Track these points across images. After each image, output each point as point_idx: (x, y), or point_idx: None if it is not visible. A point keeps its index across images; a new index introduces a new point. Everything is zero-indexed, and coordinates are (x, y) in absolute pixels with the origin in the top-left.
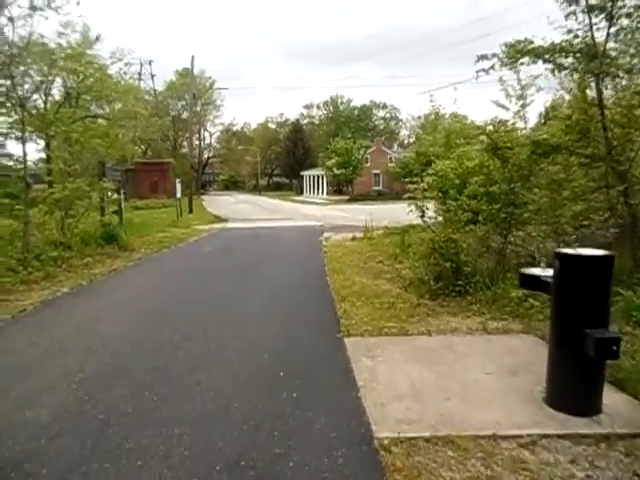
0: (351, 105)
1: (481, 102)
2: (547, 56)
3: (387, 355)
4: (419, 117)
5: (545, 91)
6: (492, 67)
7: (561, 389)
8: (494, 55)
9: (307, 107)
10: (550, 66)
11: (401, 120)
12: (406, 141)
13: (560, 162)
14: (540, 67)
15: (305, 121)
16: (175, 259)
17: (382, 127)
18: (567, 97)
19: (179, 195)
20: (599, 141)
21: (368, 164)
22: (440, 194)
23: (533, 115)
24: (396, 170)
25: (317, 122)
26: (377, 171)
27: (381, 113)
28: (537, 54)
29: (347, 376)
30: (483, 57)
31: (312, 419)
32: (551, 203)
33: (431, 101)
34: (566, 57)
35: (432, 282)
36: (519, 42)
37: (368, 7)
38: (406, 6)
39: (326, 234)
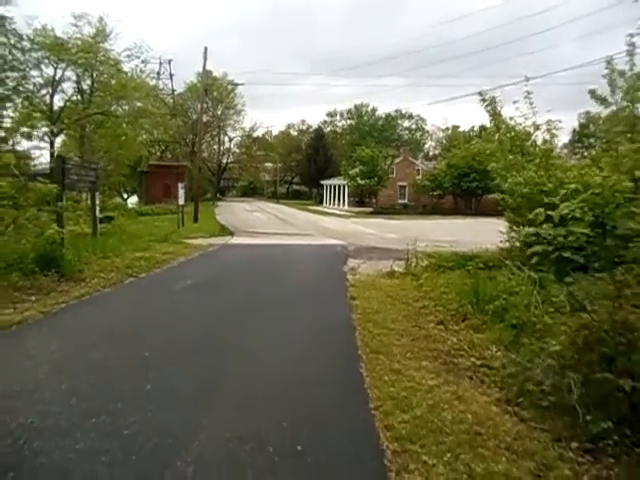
0: (376, 114)
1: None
2: None
3: None
4: (447, 128)
5: None
6: None
7: None
8: None
9: (330, 115)
10: None
11: (427, 131)
12: (431, 153)
13: None
14: None
15: (328, 129)
16: (130, 300)
17: (407, 138)
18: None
19: (182, 202)
20: None
21: (393, 175)
22: (596, 231)
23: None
24: (424, 183)
25: (340, 131)
26: (403, 183)
27: (406, 123)
28: None
29: None
30: None
31: None
32: None
33: (484, 100)
34: None
35: (582, 410)
36: None
37: (397, 15)
38: (433, 13)
39: (352, 261)
